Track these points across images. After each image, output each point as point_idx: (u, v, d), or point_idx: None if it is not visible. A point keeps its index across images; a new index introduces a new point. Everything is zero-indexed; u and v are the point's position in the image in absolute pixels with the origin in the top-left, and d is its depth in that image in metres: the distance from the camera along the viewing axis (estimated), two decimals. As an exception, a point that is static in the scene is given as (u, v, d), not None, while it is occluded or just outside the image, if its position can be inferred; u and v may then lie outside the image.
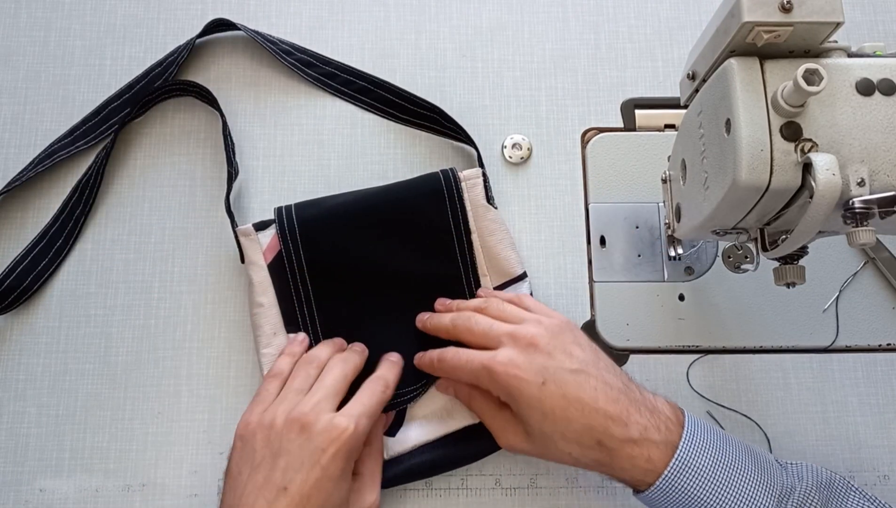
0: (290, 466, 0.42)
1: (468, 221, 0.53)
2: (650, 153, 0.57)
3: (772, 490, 0.42)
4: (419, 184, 0.54)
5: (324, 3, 0.62)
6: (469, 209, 0.54)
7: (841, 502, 0.43)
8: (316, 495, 0.42)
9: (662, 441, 0.42)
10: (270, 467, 0.42)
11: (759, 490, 0.42)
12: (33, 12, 0.61)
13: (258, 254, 0.53)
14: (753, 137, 0.35)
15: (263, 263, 0.53)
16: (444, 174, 0.54)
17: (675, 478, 0.42)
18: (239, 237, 0.53)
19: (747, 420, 0.53)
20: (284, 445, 0.43)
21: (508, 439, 0.47)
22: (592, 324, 0.55)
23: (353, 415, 0.44)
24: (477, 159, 0.56)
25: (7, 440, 0.53)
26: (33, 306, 0.55)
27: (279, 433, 0.43)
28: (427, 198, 0.53)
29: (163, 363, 0.54)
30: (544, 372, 0.44)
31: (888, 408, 0.54)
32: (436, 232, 0.53)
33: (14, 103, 0.59)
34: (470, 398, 0.50)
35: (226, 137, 0.56)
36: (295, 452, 0.42)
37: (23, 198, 0.57)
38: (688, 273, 0.55)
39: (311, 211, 0.53)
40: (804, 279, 0.42)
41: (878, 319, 0.54)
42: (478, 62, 0.61)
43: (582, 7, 0.62)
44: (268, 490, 0.41)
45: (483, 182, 0.54)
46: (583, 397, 0.43)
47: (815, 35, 0.36)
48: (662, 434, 0.43)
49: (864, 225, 0.34)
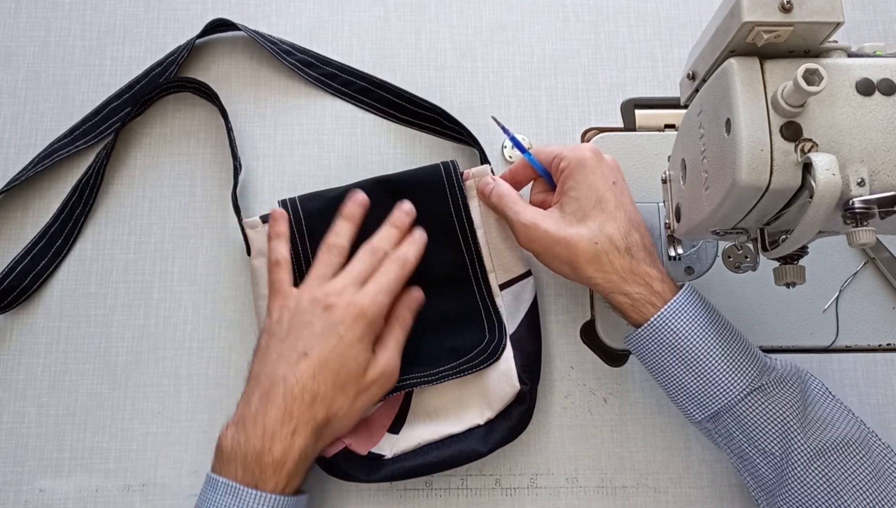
0: (311, 335, 0.46)
1: (470, 211, 0.54)
2: (650, 153, 0.57)
3: (754, 361, 0.45)
4: (420, 174, 0.54)
5: (324, 3, 0.62)
6: (476, 205, 0.54)
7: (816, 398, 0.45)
8: (334, 360, 0.45)
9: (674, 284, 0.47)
10: (295, 337, 0.46)
11: (746, 356, 0.45)
12: (33, 12, 0.61)
13: (266, 246, 0.53)
14: (753, 137, 0.35)
15: None
16: (444, 165, 0.54)
17: (670, 318, 0.45)
18: (246, 230, 0.53)
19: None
20: (307, 319, 0.47)
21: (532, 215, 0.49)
22: (592, 324, 0.55)
23: (371, 292, 0.47)
24: (480, 159, 0.56)
25: (7, 441, 0.53)
26: (33, 306, 0.55)
27: (304, 311, 0.47)
28: (428, 187, 0.54)
29: (163, 363, 0.54)
30: (618, 180, 0.49)
31: (888, 408, 0.54)
32: (438, 221, 0.53)
33: (14, 103, 0.59)
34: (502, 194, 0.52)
35: (229, 130, 0.57)
36: (317, 325, 0.46)
37: (23, 198, 0.57)
38: (688, 273, 0.55)
39: (315, 203, 0.53)
40: (804, 279, 0.42)
41: (878, 319, 0.54)
42: (478, 62, 0.61)
43: (582, 7, 0.63)
44: (291, 355, 0.46)
45: None
46: (633, 215, 0.48)
47: (815, 35, 0.36)
48: (673, 283, 0.47)
49: (864, 225, 0.34)
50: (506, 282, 0.54)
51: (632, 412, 0.54)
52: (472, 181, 0.54)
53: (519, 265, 0.54)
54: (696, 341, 0.45)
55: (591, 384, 0.54)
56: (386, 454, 0.50)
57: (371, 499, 0.52)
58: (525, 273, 0.54)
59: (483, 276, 0.53)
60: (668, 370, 0.46)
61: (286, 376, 0.45)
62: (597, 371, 0.55)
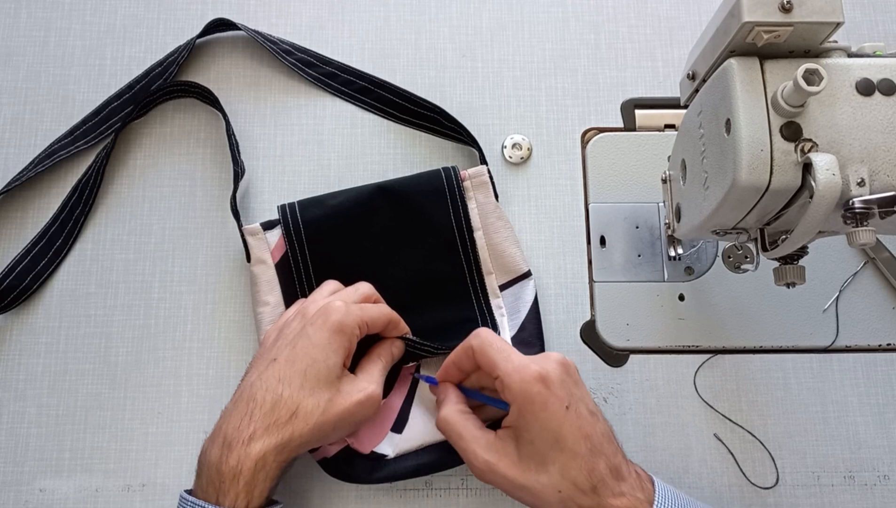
0: (284, 342, 0.46)
1: (470, 218, 0.54)
2: (650, 153, 0.57)
3: None
4: (421, 182, 0.54)
5: (324, 3, 0.62)
6: (474, 207, 0.54)
7: None
8: (300, 359, 0.44)
9: (645, 500, 0.42)
10: (272, 347, 0.47)
11: None
12: (33, 12, 0.61)
13: (266, 253, 0.53)
14: (753, 137, 0.35)
15: (272, 262, 0.53)
16: (446, 172, 0.54)
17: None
18: (246, 237, 0.53)
19: (750, 432, 0.53)
20: (284, 331, 0.47)
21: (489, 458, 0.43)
22: (592, 324, 0.55)
23: (346, 302, 0.47)
24: (479, 159, 0.56)
25: (7, 440, 0.53)
26: (33, 306, 0.55)
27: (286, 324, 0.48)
28: (429, 196, 0.54)
29: (163, 363, 0.54)
30: (571, 398, 0.43)
31: (888, 408, 0.54)
32: (438, 230, 0.53)
33: (14, 103, 0.59)
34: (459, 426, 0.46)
35: (230, 136, 0.56)
36: (292, 333, 0.46)
37: (23, 198, 0.57)
38: (688, 273, 0.55)
39: (315, 211, 0.53)
40: (804, 279, 0.42)
41: (878, 319, 0.54)
42: (478, 62, 0.61)
43: (582, 7, 0.62)
44: (262, 363, 0.46)
45: (489, 179, 0.55)
46: (593, 437, 0.42)
47: (815, 35, 0.36)
48: (644, 493, 0.43)
49: (864, 225, 0.34)
50: (506, 283, 0.54)
51: (632, 413, 0.54)
52: (470, 182, 0.54)
53: (519, 266, 0.54)
54: None
55: (590, 384, 0.54)
56: (388, 453, 0.50)
57: (371, 499, 0.52)
58: (525, 273, 0.54)
59: (481, 284, 0.54)
60: None
61: (253, 382, 0.44)
62: (597, 371, 0.55)
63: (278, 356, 0.45)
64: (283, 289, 0.53)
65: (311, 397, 0.43)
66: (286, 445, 0.42)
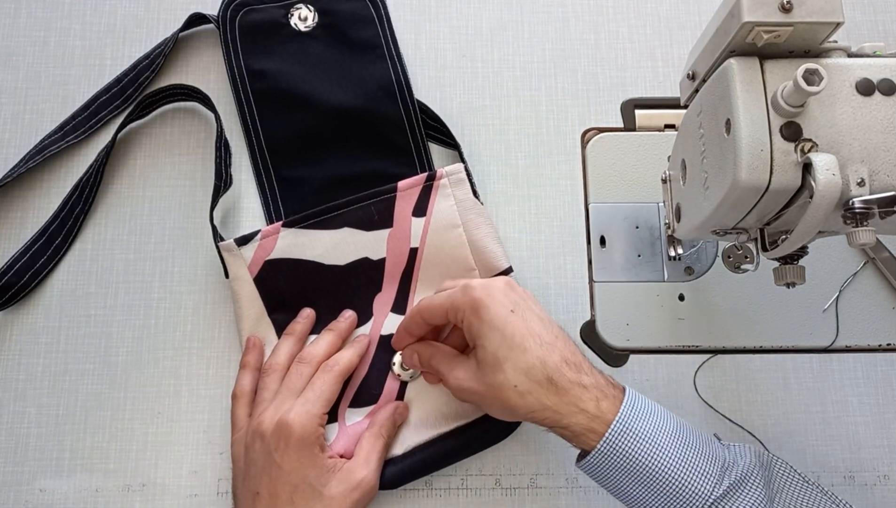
0: (257, 472, 0.46)
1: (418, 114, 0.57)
2: (650, 153, 0.57)
3: (714, 461, 0.42)
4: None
5: (324, 3, 0.62)
6: (453, 205, 0.54)
7: (783, 485, 0.43)
8: (281, 489, 0.45)
9: (612, 396, 0.43)
10: (248, 476, 0.47)
11: (703, 458, 0.42)
12: (33, 12, 0.61)
13: (243, 269, 0.53)
14: (753, 137, 0.35)
15: (249, 277, 0.53)
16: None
17: (617, 440, 0.42)
18: (223, 253, 0.53)
19: (750, 432, 0.53)
20: (252, 456, 0.47)
21: (458, 375, 0.46)
22: (592, 324, 0.55)
23: (297, 407, 0.47)
24: (459, 157, 0.56)
25: (7, 440, 0.53)
26: (33, 306, 0.55)
27: (250, 447, 0.47)
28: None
29: (163, 363, 0.54)
30: (515, 304, 0.45)
31: (888, 408, 0.54)
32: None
33: (14, 103, 0.59)
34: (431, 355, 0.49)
35: (217, 148, 0.55)
36: (258, 459, 0.46)
37: (22, 197, 0.57)
38: (688, 273, 0.55)
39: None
40: (804, 279, 0.42)
41: (878, 319, 0.54)
42: (478, 62, 0.61)
43: (582, 7, 0.62)
44: (247, 497, 0.46)
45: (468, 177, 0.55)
46: (544, 335, 0.44)
47: (815, 35, 0.36)
48: (610, 394, 0.43)
49: (864, 225, 0.34)
50: None
51: (632, 412, 0.54)
52: (447, 179, 0.54)
53: (500, 262, 0.54)
54: (649, 457, 0.41)
55: (591, 384, 0.54)
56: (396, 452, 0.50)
57: (371, 499, 0.52)
58: (506, 270, 0.54)
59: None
60: (625, 490, 0.43)
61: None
62: (597, 371, 0.55)
63: (260, 490, 0.45)
64: (266, 302, 0.53)
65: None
66: None
